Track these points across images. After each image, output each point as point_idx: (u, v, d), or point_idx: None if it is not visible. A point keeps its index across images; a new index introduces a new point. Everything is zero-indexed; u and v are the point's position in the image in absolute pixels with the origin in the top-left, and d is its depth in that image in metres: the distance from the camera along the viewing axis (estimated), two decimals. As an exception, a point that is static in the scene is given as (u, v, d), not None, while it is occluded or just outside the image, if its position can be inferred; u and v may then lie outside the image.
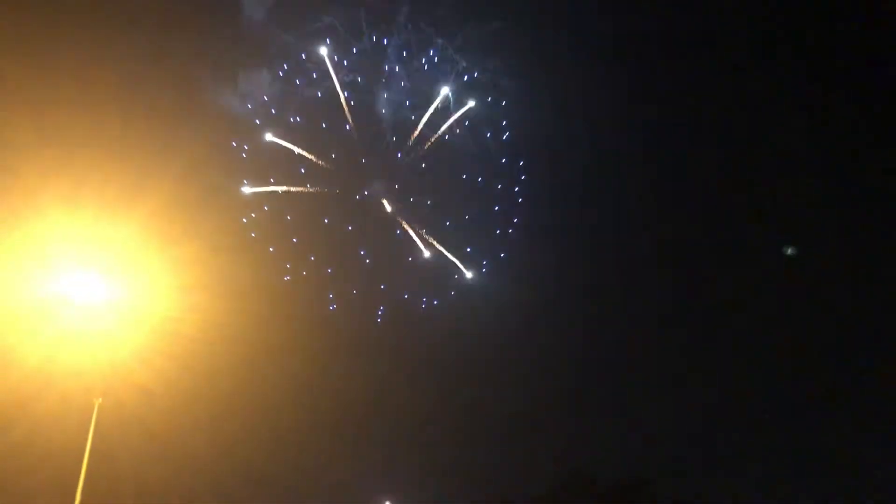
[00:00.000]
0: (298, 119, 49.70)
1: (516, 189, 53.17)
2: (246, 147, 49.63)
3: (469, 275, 52.00)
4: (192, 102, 47.90)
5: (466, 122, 50.87)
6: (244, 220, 48.77)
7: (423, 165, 50.91)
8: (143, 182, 42.35)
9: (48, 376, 35.98)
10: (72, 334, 35.60)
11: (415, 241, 51.07)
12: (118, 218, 39.12)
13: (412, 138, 49.92)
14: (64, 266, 35.77)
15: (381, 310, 50.96)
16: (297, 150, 48.99)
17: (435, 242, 51.34)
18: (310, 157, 49.13)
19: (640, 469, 51.87)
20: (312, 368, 48.56)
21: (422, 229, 51.08)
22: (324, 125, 49.76)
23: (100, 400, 34.63)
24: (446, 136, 50.41)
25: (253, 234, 48.66)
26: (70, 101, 42.08)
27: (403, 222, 50.84)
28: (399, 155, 50.15)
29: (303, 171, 49.21)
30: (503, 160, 52.55)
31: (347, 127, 49.71)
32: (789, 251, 52.78)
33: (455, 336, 53.54)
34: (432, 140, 50.03)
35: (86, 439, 32.80)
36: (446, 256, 51.59)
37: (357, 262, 51.12)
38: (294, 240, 50.02)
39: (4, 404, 36.88)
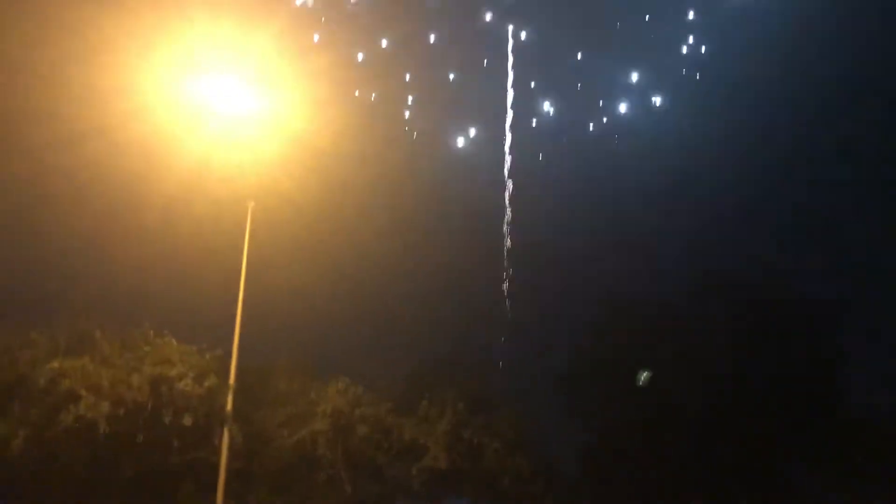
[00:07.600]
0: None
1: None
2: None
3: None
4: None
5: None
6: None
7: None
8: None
9: (203, 180, 37.93)
10: (220, 141, 36.85)
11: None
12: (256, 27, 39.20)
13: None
14: (206, 73, 36.43)
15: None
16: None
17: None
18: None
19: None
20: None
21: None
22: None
23: (252, 203, 36.32)
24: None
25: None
26: None
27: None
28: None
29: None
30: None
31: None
32: None
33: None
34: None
35: (238, 238, 34.94)
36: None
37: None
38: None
39: (170, 201, 39.80)
